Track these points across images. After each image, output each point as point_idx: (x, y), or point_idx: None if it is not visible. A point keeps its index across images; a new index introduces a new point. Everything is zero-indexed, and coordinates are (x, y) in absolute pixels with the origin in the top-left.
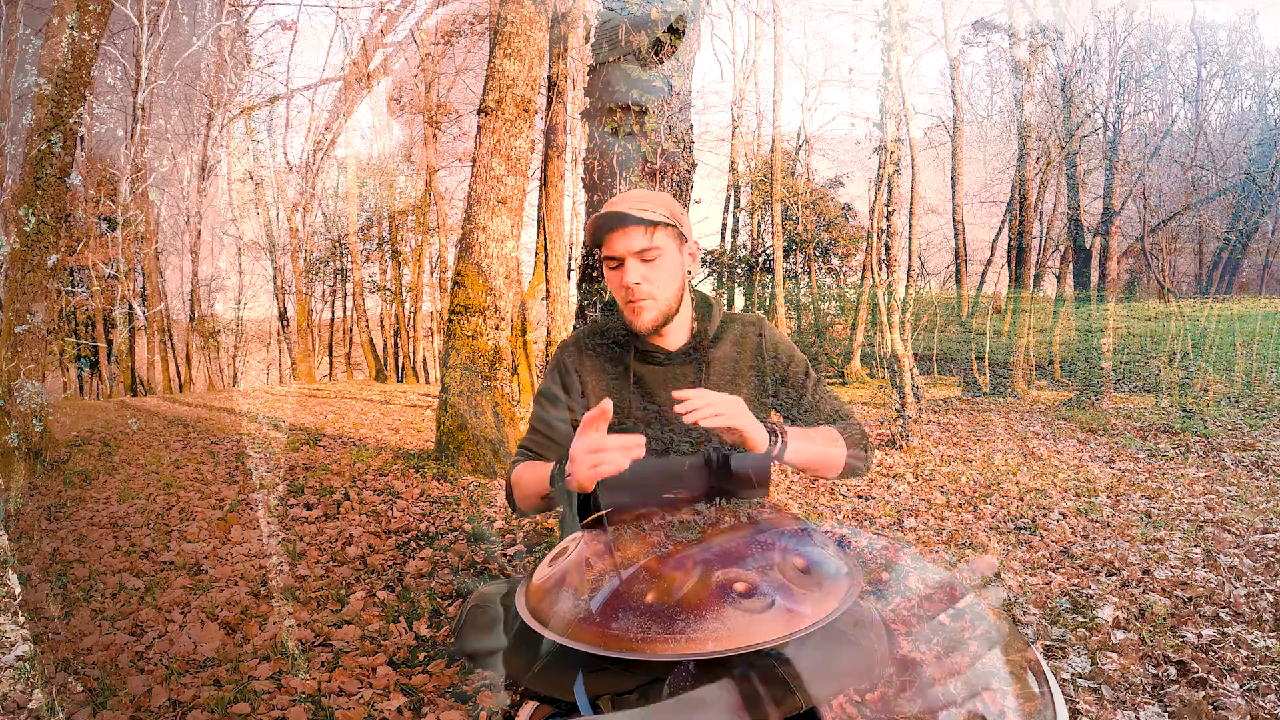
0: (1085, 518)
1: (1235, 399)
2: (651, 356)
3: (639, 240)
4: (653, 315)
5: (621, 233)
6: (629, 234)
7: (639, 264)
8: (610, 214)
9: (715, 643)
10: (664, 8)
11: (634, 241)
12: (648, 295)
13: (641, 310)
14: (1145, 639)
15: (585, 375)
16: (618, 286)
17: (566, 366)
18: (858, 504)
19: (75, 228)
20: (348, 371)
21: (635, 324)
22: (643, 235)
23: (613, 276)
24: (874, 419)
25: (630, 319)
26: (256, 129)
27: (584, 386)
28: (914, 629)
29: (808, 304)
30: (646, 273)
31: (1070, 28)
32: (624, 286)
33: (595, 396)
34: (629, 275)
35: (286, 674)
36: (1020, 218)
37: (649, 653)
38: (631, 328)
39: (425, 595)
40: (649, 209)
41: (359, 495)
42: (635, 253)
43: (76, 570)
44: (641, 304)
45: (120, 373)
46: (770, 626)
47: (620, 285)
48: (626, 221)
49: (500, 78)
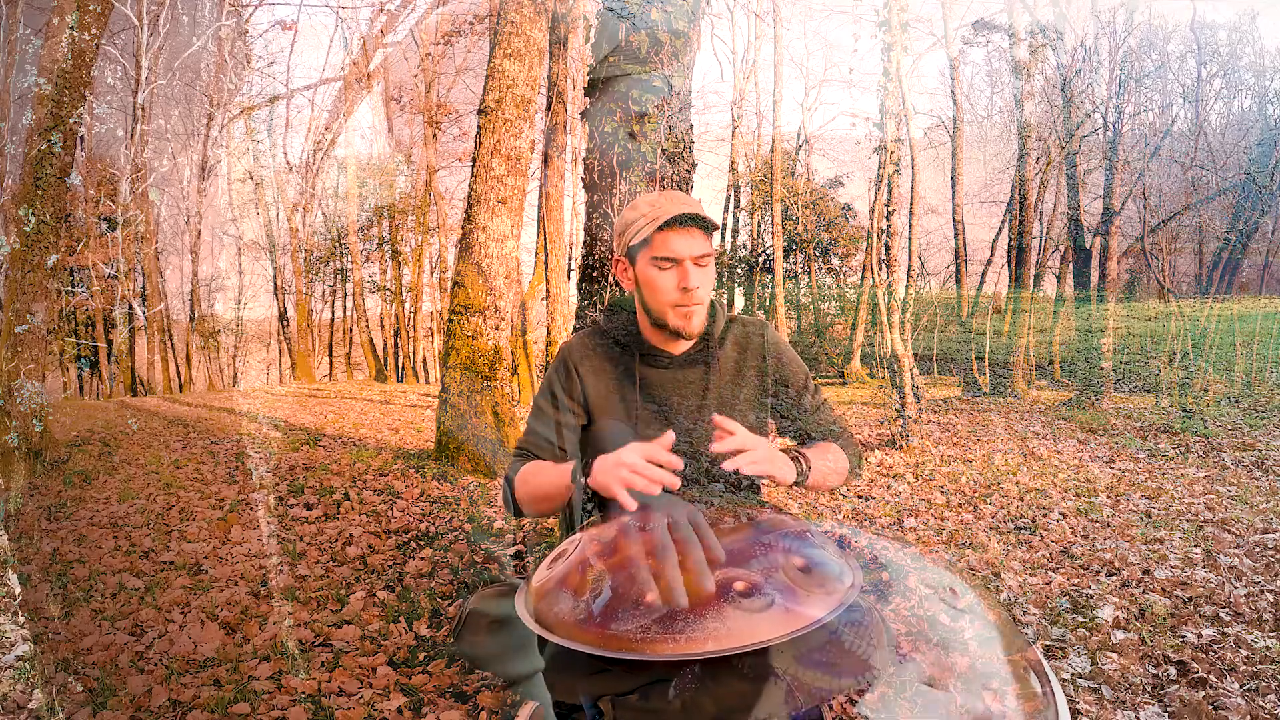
0: (1085, 518)
1: (1235, 399)
2: (657, 359)
3: (700, 244)
4: (701, 320)
5: (687, 233)
6: (693, 236)
7: (696, 268)
8: (682, 214)
9: (715, 642)
10: (664, 8)
11: (696, 244)
12: (702, 300)
13: (693, 315)
14: (1145, 639)
15: (588, 377)
16: (671, 288)
17: (569, 369)
18: (858, 504)
19: (75, 228)
20: (348, 371)
21: (685, 329)
22: (704, 240)
23: (663, 276)
24: (874, 419)
25: (679, 323)
26: (256, 129)
27: (585, 389)
28: (914, 628)
29: (808, 304)
30: (702, 278)
31: (1070, 28)
32: (682, 289)
33: (599, 399)
34: (692, 279)
35: (286, 674)
36: (1020, 218)
37: (649, 653)
38: (680, 332)
39: (425, 595)
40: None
41: (359, 495)
42: (695, 256)
43: (76, 570)
44: (694, 309)
45: (120, 373)
46: (770, 626)
47: (676, 287)
48: (695, 222)
49: (500, 78)
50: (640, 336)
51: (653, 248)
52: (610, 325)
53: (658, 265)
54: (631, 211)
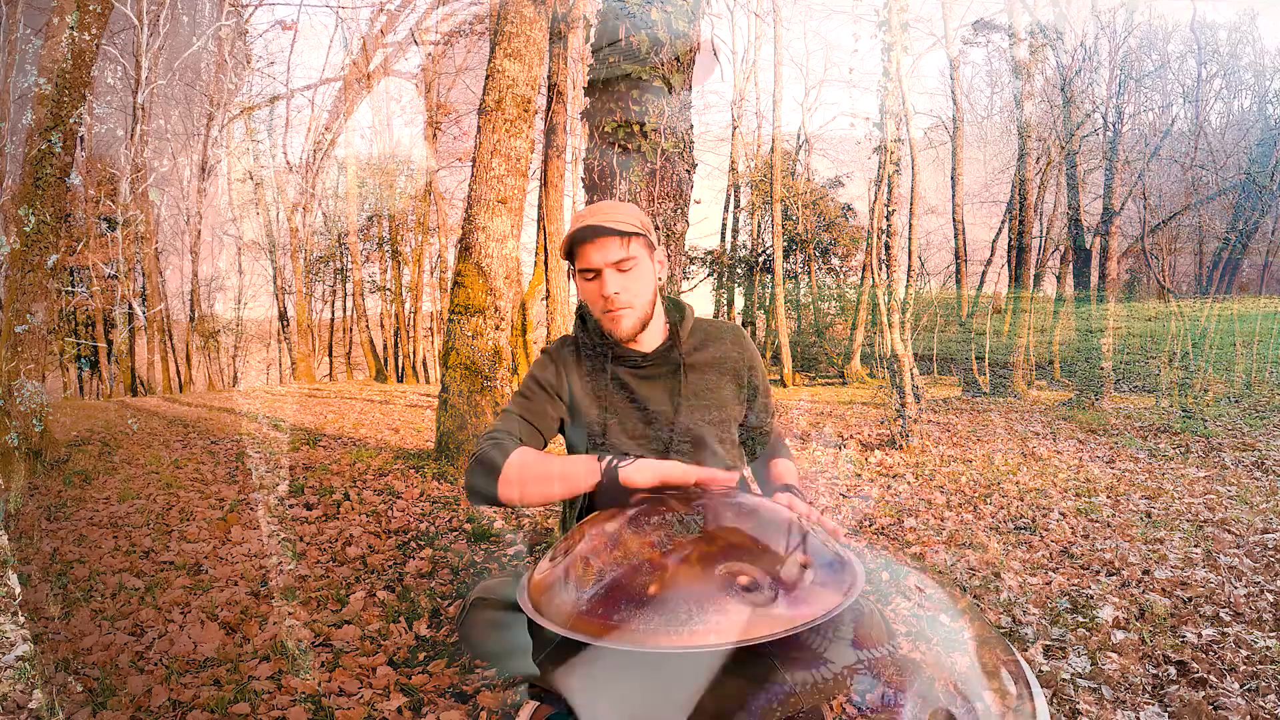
0: (1085, 518)
1: (1235, 399)
2: (628, 360)
3: (615, 251)
4: (631, 323)
5: (598, 244)
6: (605, 245)
7: (616, 274)
8: (585, 227)
9: (718, 635)
10: (664, 8)
11: (610, 252)
12: (626, 304)
13: (620, 319)
14: (1145, 639)
15: (571, 375)
16: (595, 297)
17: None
18: (858, 504)
19: (75, 228)
20: (348, 371)
21: (615, 332)
22: (618, 246)
23: (589, 287)
24: (874, 419)
25: (609, 328)
26: (256, 129)
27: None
28: (912, 629)
29: (808, 304)
30: (624, 282)
31: (1070, 28)
32: (603, 296)
33: (579, 398)
34: (608, 286)
35: (286, 674)
36: (1020, 218)
37: (650, 645)
38: (610, 336)
39: (425, 595)
40: (621, 220)
41: (359, 495)
42: (612, 263)
43: (76, 570)
44: (621, 313)
45: (120, 373)
46: (773, 621)
47: (599, 295)
48: (601, 233)
49: (500, 78)
50: (606, 339)
51: (576, 262)
52: (581, 330)
53: (584, 278)
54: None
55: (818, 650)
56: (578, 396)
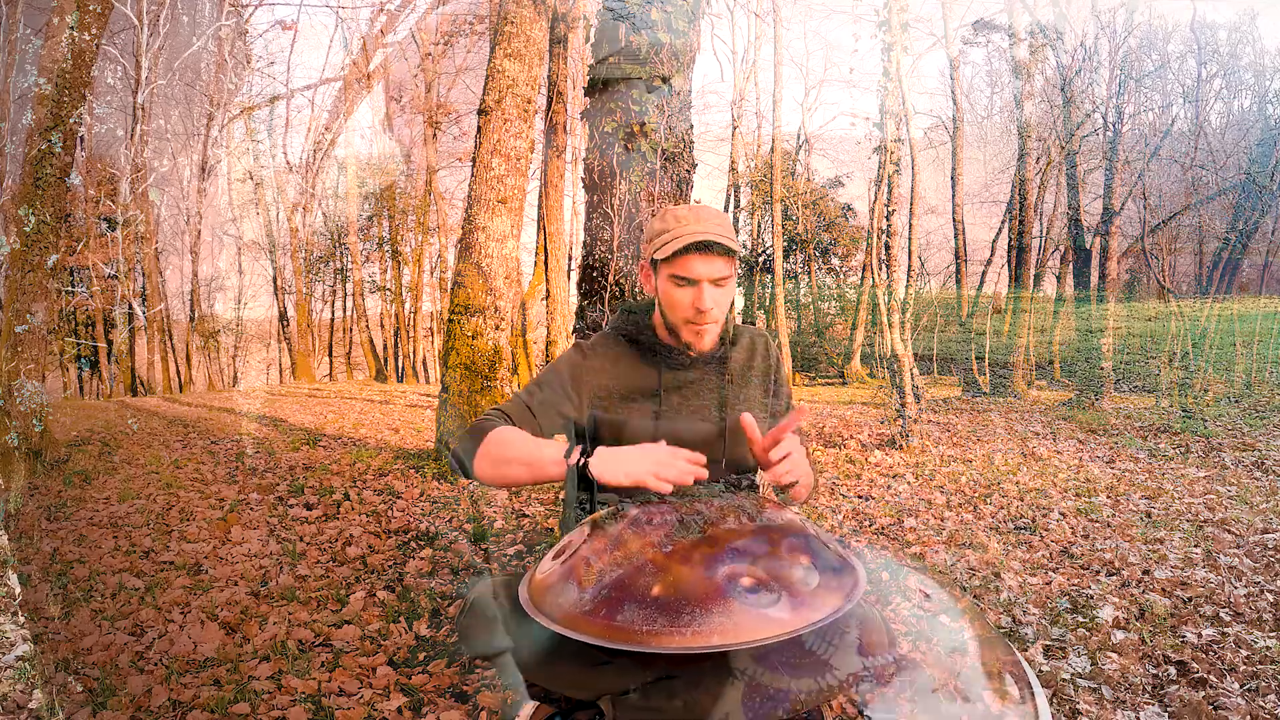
0: (1085, 518)
1: (1235, 399)
2: (677, 361)
3: (721, 268)
4: (713, 338)
5: (708, 258)
6: (713, 260)
7: (713, 289)
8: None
9: (720, 636)
10: (664, 8)
11: (716, 268)
12: (715, 320)
13: (705, 333)
14: (1145, 639)
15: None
16: (685, 306)
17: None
18: (858, 504)
19: (75, 228)
20: (348, 371)
21: (695, 344)
22: (724, 264)
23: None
24: (874, 419)
25: (689, 339)
26: (256, 129)
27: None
28: (912, 629)
29: (808, 304)
30: (718, 298)
31: (1070, 28)
32: (696, 309)
33: (617, 397)
34: (705, 300)
35: (286, 674)
36: (1020, 218)
37: (653, 645)
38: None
39: (425, 595)
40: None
41: (359, 495)
42: (714, 279)
43: (76, 570)
44: (706, 328)
45: (120, 373)
46: (775, 622)
47: (691, 306)
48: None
49: (500, 78)
50: (657, 337)
51: (674, 265)
52: (628, 326)
53: (676, 283)
54: (660, 222)
55: (818, 652)
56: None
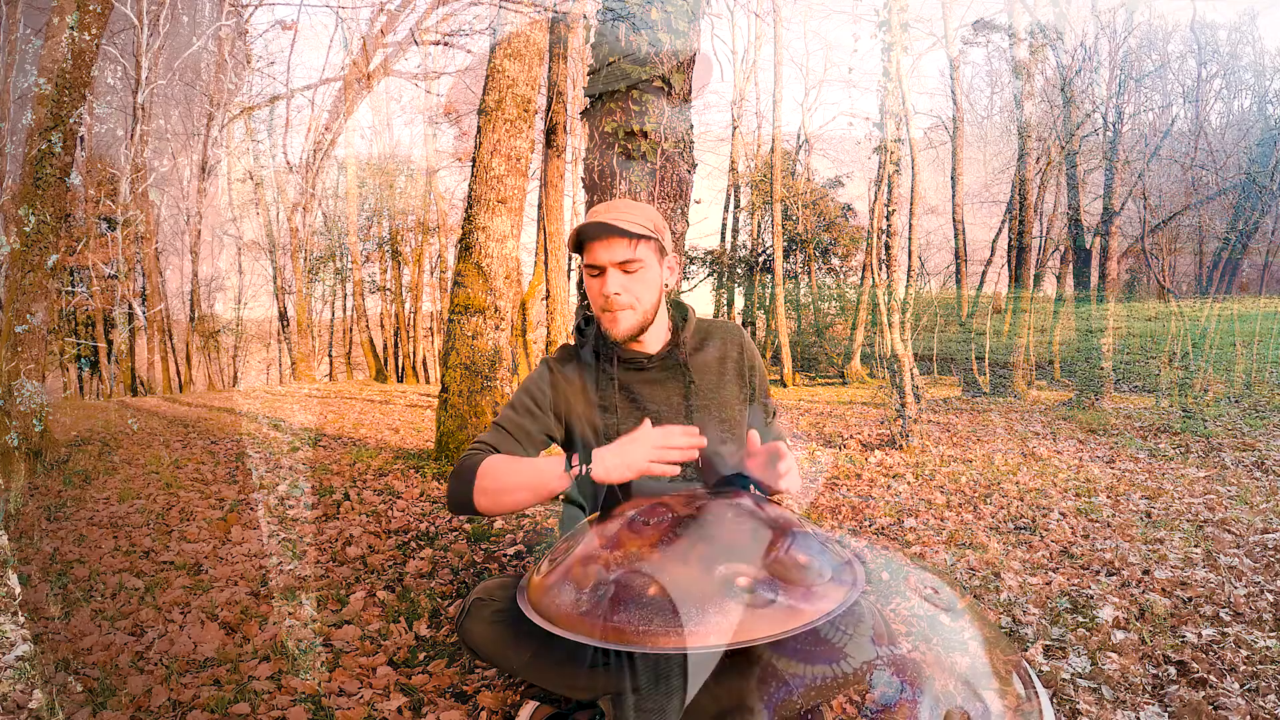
0: (1085, 518)
1: (1235, 399)
2: (634, 362)
3: (622, 251)
4: (628, 324)
5: (605, 243)
6: (612, 245)
7: (620, 274)
8: (595, 224)
9: (717, 636)
10: (664, 8)
11: (617, 252)
12: (626, 305)
13: (618, 320)
14: (1145, 639)
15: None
16: (596, 294)
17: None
18: (858, 504)
19: (75, 228)
20: (348, 371)
21: (611, 332)
22: (626, 247)
23: (593, 284)
24: (874, 419)
25: (606, 326)
26: (256, 129)
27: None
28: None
29: (808, 304)
30: (626, 283)
31: (1070, 28)
32: (603, 295)
33: (583, 407)
34: (609, 285)
35: (286, 674)
36: (1020, 218)
37: (651, 645)
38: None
39: (425, 595)
40: (633, 221)
41: (359, 495)
42: (617, 263)
43: (76, 570)
44: (619, 314)
45: (120, 373)
46: (773, 622)
47: (599, 293)
48: (611, 232)
49: (500, 78)
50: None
51: (585, 257)
52: (584, 334)
53: (589, 273)
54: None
55: (817, 651)
56: (581, 406)
